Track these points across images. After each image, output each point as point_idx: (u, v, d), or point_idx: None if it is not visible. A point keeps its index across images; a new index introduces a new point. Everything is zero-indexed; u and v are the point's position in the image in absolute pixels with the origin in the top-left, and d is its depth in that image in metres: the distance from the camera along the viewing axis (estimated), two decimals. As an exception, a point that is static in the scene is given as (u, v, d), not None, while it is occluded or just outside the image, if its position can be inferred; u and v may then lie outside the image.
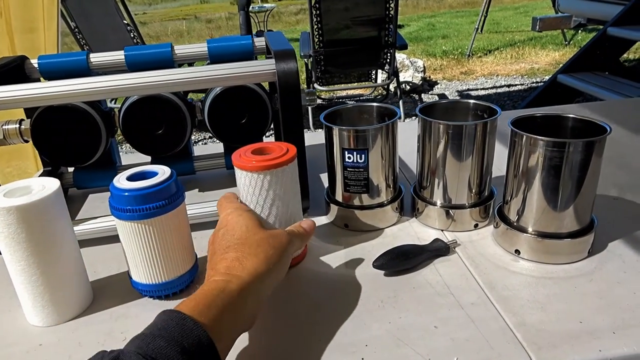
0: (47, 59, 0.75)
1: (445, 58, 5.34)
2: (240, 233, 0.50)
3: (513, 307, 0.52)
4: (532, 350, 0.46)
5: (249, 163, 0.55)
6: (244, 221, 0.51)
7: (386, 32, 3.24)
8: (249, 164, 0.55)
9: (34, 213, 0.49)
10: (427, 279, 0.57)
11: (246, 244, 0.49)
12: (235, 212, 0.53)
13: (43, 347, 0.51)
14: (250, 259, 0.47)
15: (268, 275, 0.48)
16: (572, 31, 5.58)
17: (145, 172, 0.55)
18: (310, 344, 0.49)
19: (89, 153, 0.75)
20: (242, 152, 0.57)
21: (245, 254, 0.48)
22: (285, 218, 0.58)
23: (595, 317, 0.50)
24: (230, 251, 0.48)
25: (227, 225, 0.52)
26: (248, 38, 0.80)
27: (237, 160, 0.56)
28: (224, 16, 10.69)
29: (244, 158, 0.56)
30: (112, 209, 0.52)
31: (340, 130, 0.64)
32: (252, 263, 0.47)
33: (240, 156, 0.56)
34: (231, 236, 0.50)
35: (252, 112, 0.77)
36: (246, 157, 0.56)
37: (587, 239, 0.59)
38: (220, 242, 0.51)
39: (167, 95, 0.76)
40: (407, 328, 0.50)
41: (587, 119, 0.60)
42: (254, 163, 0.54)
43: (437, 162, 0.65)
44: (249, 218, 0.52)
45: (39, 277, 0.51)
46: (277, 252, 0.49)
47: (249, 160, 0.55)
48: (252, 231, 0.50)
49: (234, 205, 0.55)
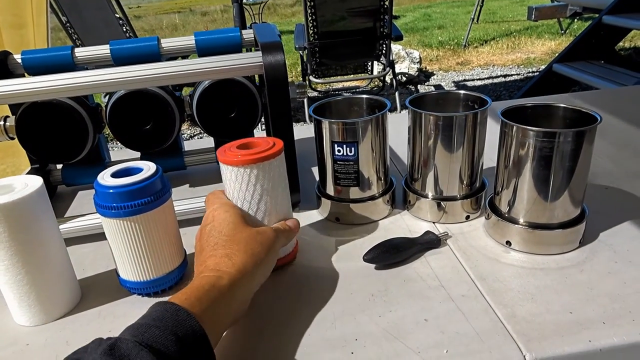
0: (31, 54, 0.74)
1: (442, 49, 5.32)
2: (227, 230, 0.50)
3: (503, 298, 0.51)
4: (521, 342, 0.46)
5: (234, 158, 0.54)
6: (231, 218, 0.52)
7: (381, 23, 3.22)
8: (233, 159, 0.54)
9: (16, 211, 0.48)
10: (418, 272, 0.57)
11: (234, 241, 0.49)
12: (222, 208, 0.53)
13: (30, 346, 0.50)
14: (239, 256, 0.48)
15: (256, 271, 0.49)
16: (568, 20, 5.56)
17: (130, 168, 0.54)
18: (299, 338, 0.48)
19: (76, 150, 0.74)
20: (227, 148, 0.56)
21: (234, 251, 0.48)
22: (274, 213, 0.57)
23: (585, 308, 0.49)
24: (219, 248, 0.49)
25: (214, 222, 0.52)
26: (236, 30, 0.79)
27: (222, 156, 0.55)
28: (219, 9, 10.62)
29: (229, 153, 0.55)
30: (97, 206, 0.52)
31: (330, 123, 0.64)
32: (240, 260, 0.48)
33: (225, 151, 0.56)
34: (218, 233, 0.50)
35: (242, 105, 0.76)
36: (231, 152, 0.55)
37: (578, 229, 0.58)
38: (207, 238, 0.51)
39: (155, 90, 0.75)
40: (398, 321, 0.50)
41: (578, 109, 0.59)
42: (239, 157, 0.54)
43: (428, 154, 0.64)
44: (235, 215, 0.52)
45: (24, 276, 0.50)
46: (264, 249, 0.50)
47: (234, 155, 0.54)
48: (239, 228, 0.51)
49: (221, 201, 0.55)
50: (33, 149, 0.72)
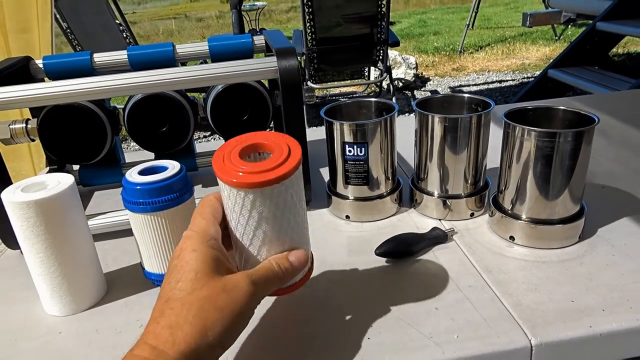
0: (52, 59, 0.77)
1: (437, 54, 5.38)
2: (184, 282, 0.40)
3: (509, 289, 0.55)
4: (527, 328, 0.49)
5: (233, 174, 0.41)
6: (195, 264, 0.41)
7: (378, 29, 3.27)
8: (230, 177, 0.41)
9: (52, 207, 0.51)
10: (426, 265, 0.60)
11: (186, 303, 0.39)
12: (192, 242, 0.42)
13: (63, 334, 0.53)
14: (185, 329, 0.38)
15: (206, 349, 0.38)
16: (562, 26, 5.65)
17: (156, 166, 0.57)
18: (316, 325, 0.52)
19: (95, 151, 0.77)
20: (228, 152, 0.44)
21: (181, 321, 0.38)
22: (276, 243, 0.45)
23: (585, 297, 0.53)
24: (167, 309, 0.39)
25: (179, 259, 0.42)
26: (248, 37, 0.82)
27: (219, 166, 0.42)
28: (214, 15, 10.66)
29: (228, 166, 0.42)
30: (125, 202, 0.54)
31: (341, 124, 0.67)
32: (185, 335, 0.38)
33: (223, 160, 0.43)
34: (176, 281, 0.40)
35: (254, 108, 0.80)
36: (231, 164, 0.42)
37: (577, 225, 0.62)
38: (168, 279, 0.41)
39: (171, 94, 0.78)
40: (410, 310, 0.53)
41: (577, 111, 0.63)
42: (240, 176, 0.41)
43: (434, 154, 0.68)
44: (203, 259, 0.41)
45: (57, 268, 0.53)
46: (225, 316, 0.39)
47: (235, 169, 0.42)
48: (201, 281, 0.40)
49: (197, 226, 0.44)
50: (54, 150, 0.75)
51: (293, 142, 0.45)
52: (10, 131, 0.74)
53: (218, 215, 0.46)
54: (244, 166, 0.42)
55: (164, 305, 0.40)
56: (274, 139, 0.45)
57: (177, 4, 13.95)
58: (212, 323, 0.39)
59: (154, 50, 0.78)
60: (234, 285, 0.41)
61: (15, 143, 0.76)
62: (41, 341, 0.53)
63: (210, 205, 0.45)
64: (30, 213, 0.50)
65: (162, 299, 0.40)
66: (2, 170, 0.64)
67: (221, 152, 0.44)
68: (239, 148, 0.45)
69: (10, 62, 0.73)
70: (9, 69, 0.72)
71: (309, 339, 0.50)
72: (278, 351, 0.49)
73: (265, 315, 0.54)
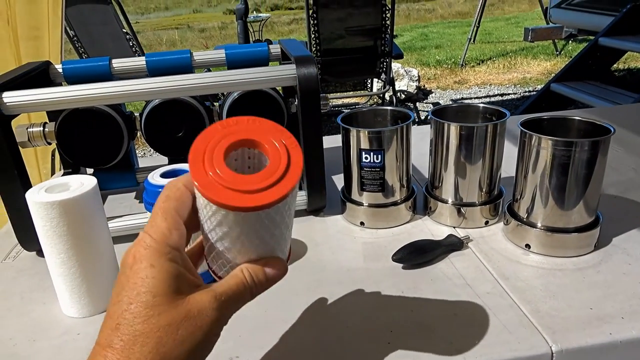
0: (71, 64, 0.78)
1: (439, 67, 5.42)
2: (138, 306, 0.32)
3: (527, 296, 0.55)
4: (547, 334, 0.49)
5: (213, 188, 0.32)
6: (152, 283, 0.33)
7: (382, 41, 3.30)
8: (212, 191, 0.32)
9: (75, 208, 0.52)
10: (443, 272, 0.60)
11: (140, 336, 0.32)
12: (149, 253, 0.33)
13: (81, 336, 0.53)
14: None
15: None
16: (563, 41, 5.70)
17: (177, 170, 0.58)
18: (337, 330, 0.52)
19: (111, 155, 0.78)
20: (212, 146, 0.34)
21: (131, 355, 0.31)
22: (251, 255, 0.37)
23: (604, 304, 0.53)
24: (115, 339, 0.32)
25: (132, 271, 0.33)
26: (264, 45, 0.83)
27: (197, 169, 0.33)
28: (217, 26, 10.74)
29: (209, 169, 0.33)
30: (147, 203, 0.55)
31: (358, 131, 0.68)
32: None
33: (204, 159, 0.33)
34: (128, 303, 0.32)
35: (269, 115, 0.80)
36: (213, 169, 0.33)
37: (593, 234, 0.62)
38: (119, 296, 0.33)
39: (188, 99, 0.79)
40: (428, 315, 0.53)
41: (592, 121, 0.64)
42: (223, 193, 0.32)
43: (449, 162, 0.68)
44: (162, 277, 0.33)
45: (77, 269, 0.53)
46: (188, 349, 0.33)
47: (217, 180, 0.32)
48: (158, 308, 0.32)
49: (157, 232, 0.34)
50: (71, 153, 0.76)
51: (291, 142, 0.36)
52: (28, 134, 0.74)
53: (184, 211, 0.36)
54: (230, 178, 0.32)
55: (112, 334, 0.32)
56: (270, 135, 0.36)
57: (180, 14, 14.08)
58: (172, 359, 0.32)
59: (171, 57, 0.79)
60: (198, 311, 0.33)
61: (32, 146, 0.76)
62: (59, 342, 0.53)
63: (176, 199, 0.36)
64: (54, 213, 0.51)
65: (111, 322, 0.33)
66: (24, 173, 0.65)
67: (202, 144, 0.34)
68: (226, 143, 0.34)
69: (31, 67, 0.74)
70: (29, 73, 0.72)
71: (328, 344, 0.50)
72: (296, 356, 0.49)
73: (282, 319, 0.54)
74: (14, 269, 0.68)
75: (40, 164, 1.74)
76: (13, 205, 0.65)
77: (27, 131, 0.74)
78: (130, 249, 0.34)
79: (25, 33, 1.79)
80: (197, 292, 0.34)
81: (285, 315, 0.54)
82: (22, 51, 1.81)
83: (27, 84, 0.69)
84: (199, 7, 14.87)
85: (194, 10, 14.50)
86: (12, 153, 0.64)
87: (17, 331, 0.55)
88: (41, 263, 0.67)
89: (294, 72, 0.67)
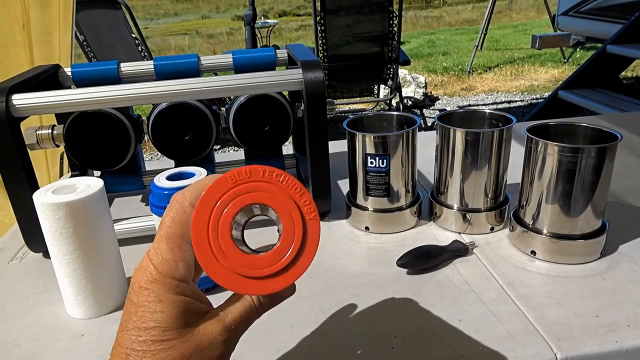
0: (80, 68, 0.79)
1: (446, 74, 5.42)
2: (148, 339, 0.32)
3: (532, 303, 0.55)
4: (552, 342, 0.49)
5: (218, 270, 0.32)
6: (161, 317, 0.32)
7: (389, 47, 3.31)
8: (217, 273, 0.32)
9: (81, 209, 0.52)
10: (448, 277, 0.60)
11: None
12: (156, 288, 0.32)
13: (86, 337, 0.53)
14: None
15: None
16: (571, 49, 5.68)
17: (183, 172, 0.58)
18: (341, 335, 0.52)
19: (119, 157, 0.78)
20: (219, 210, 0.32)
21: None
22: None
23: (610, 312, 0.52)
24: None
25: (139, 299, 0.33)
26: (271, 50, 0.84)
27: (200, 238, 0.32)
28: (225, 31, 10.81)
29: (214, 244, 0.32)
30: (153, 206, 0.55)
31: (364, 136, 0.68)
32: None
33: (208, 228, 0.32)
34: (137, 334, 0.32)
35: (275, 120, 0.81)
36: (217, 245, 0.32)
37: (599, 241, 0.62)
38: (126, 325, 0.32)
39: (195, 103, 0.79)
40: (433, 321, 0.53)
41: (599, 128, 0.63)
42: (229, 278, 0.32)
43: (455, 167, 0.68)
44: (171, 312, 0.32)
45: (83, 270, 0.54)
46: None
47: (222, 260, 0.32)
48: (167, 343, 0.32)
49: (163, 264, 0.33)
50: (79, 155, 0.76)
51: (309, 209, 0.32)
52: (37, 137, 0.75)
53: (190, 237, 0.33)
54: (237, 261, 0.31)
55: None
56: (286, 199, 0.32)
57: (188, 20, 14.19)
58: None
59: (179, 61, 0.80)
60: (209, 344, 0.33)
61: (40, 148, 0.77)
62: (65, 343, 0.53)
63: (182, 224, 0.33)
64: (61, 215, 0.51)
65: (120, 351, 0.32)
66: (32, 175, 0.65)
67: (206, 207, 0.31)
68: (234, 210, 0.31)
69: (41, 70, 0.75)
70: (39, 75, 0.73)
71: (332, 349, 0.50)
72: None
73: (286, 323, 0.54)
74: (20, 271, 0.68)
75: (50, 166, 1.76)
76: (20, 207, 0.66)
77: (36, 133, 0.75)
78: (136, 276, 0.33)
79: (38, 38, 1.81)
80: (207, 322, 0.33)
81: (290, 319, 0.54)
82: (35, 55, 1.83)
83: (36, 87, 0.70)
84: (208, 13, 14.98)
85: (203, 16, 14.60)
86: (20, 155, 0.64)
87: (22, 332, 0.55)
88: (47, 265, 0.68)
89: (300, 76, 0.68)
